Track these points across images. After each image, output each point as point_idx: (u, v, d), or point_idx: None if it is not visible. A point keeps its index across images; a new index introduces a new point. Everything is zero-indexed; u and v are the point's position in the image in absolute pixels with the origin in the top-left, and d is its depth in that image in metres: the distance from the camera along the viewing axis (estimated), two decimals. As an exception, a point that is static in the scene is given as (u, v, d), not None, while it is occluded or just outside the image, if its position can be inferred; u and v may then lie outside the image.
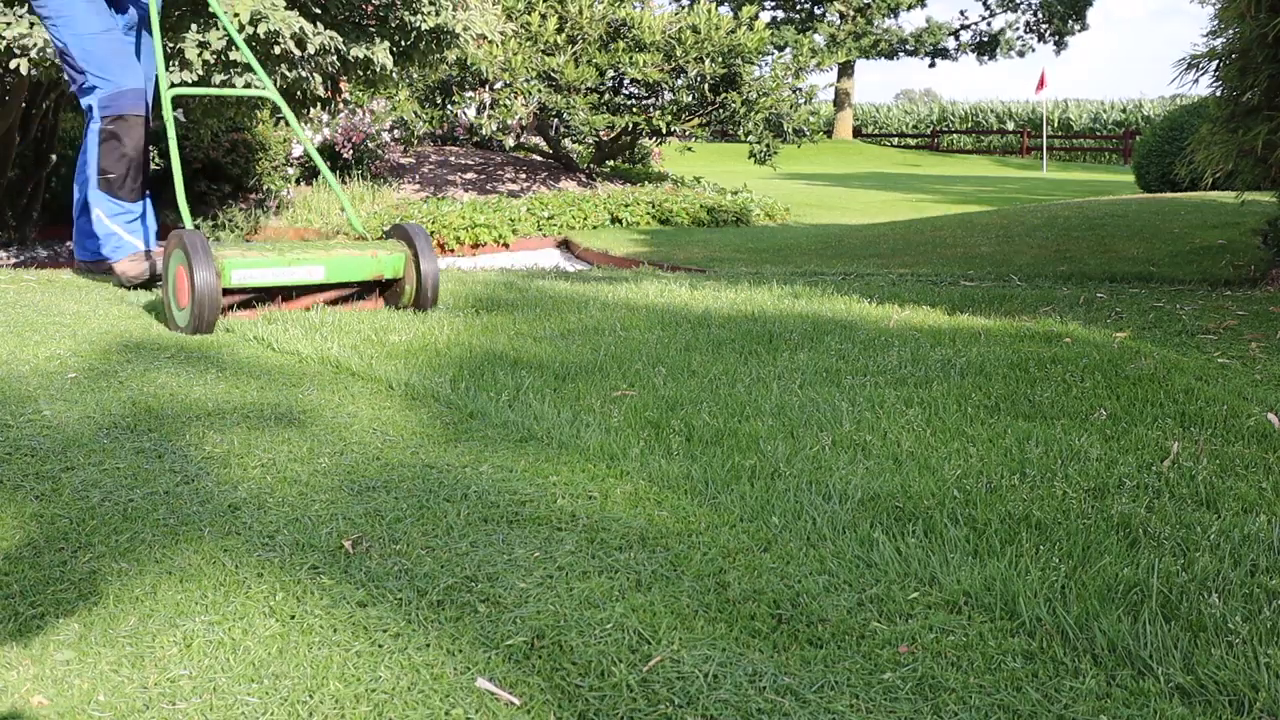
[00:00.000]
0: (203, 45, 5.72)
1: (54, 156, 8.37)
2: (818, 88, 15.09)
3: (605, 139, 13.87)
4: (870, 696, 1.24)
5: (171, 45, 6.55)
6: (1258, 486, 1.89)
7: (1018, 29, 35.65)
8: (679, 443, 2.14)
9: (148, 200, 4.08)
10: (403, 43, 7.70)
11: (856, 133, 38.11)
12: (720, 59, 12.46)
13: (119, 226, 3.96)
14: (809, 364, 2.82)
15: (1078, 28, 35.09)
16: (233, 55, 6.43)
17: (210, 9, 6.17)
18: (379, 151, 12.92)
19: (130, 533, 1.68)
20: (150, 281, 4.01)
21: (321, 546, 1.63)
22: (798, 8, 34.78)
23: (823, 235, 8.95)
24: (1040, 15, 35.34)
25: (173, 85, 3.53)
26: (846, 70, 35.94)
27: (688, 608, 1.44)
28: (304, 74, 6.91)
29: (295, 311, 3.41)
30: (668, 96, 12.89)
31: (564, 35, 12.46)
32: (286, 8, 6.55)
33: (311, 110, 7.91)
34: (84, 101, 3.94)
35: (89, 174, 3.96)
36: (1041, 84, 26.53)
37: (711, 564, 1.57)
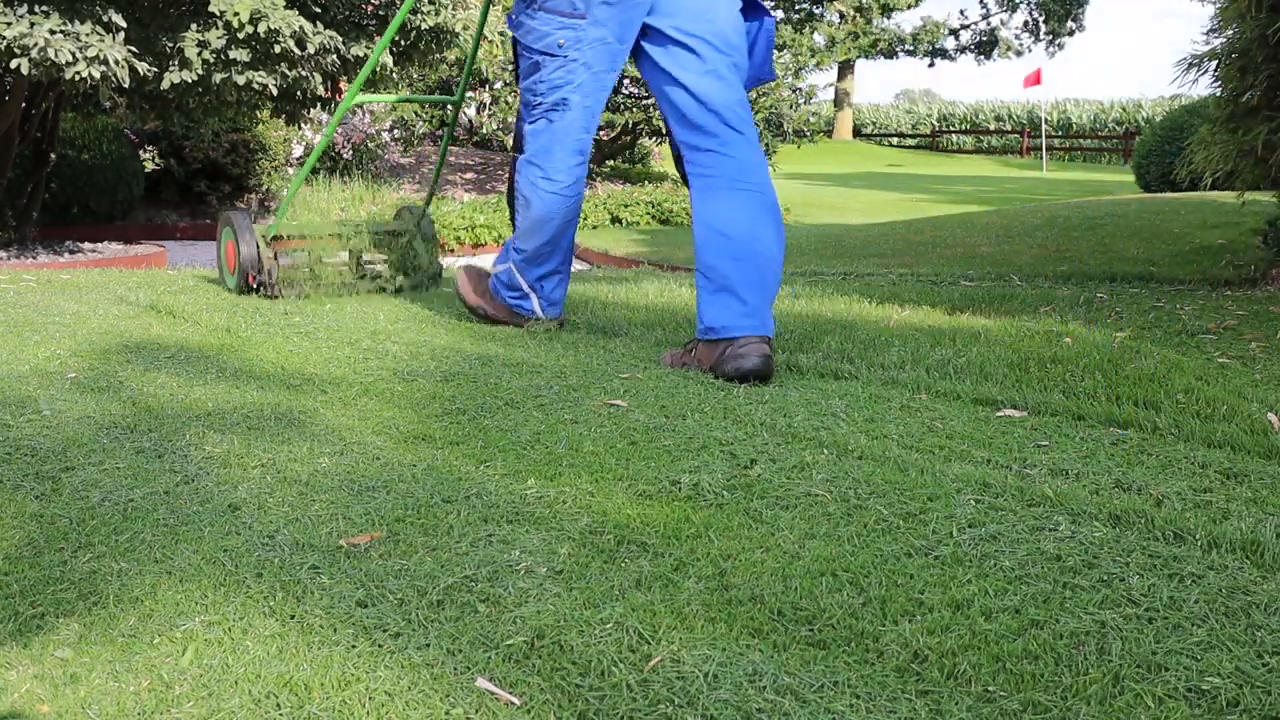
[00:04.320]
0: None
1: (54, 156, 8.37)
2: (817, 87, 15.08)
3: (605, 139, 13.86)
4: (870, 696, 1.23)
5: (171, 45, 6.53)
6: (1258, 486, 1.89)
7: (1016, 29, 35.69)
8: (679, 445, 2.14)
9: None
10: (403, 42, 7.70)
11: (856, 133, 38.12)
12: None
13: None
14: (809, 364, 2.82)
15: (1074, 27, 35.11)
16: (232, 54, 6.43)
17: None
18: (379, 151, 12.92)
19: (130, 533, 1.68)
20: None
21: (321, 546, 1.63)
22: (797, 8, 34.78)
23: (822, 235, 8.96)
24: (1038, 15, 35.35)
25: None
26: (846, 70, 35.96)
27: (688, 607, 1.44)
28: (304, 73, 6.91)
29: (295, 315, 3.41)
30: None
31: (564, 35, 12.45)
32: (286, 7, 6.55)
33: (311, 110, 7.90)
34: None
35: None
36: (1037, 79, 26.29)
37: (713, 564, 1.56)
